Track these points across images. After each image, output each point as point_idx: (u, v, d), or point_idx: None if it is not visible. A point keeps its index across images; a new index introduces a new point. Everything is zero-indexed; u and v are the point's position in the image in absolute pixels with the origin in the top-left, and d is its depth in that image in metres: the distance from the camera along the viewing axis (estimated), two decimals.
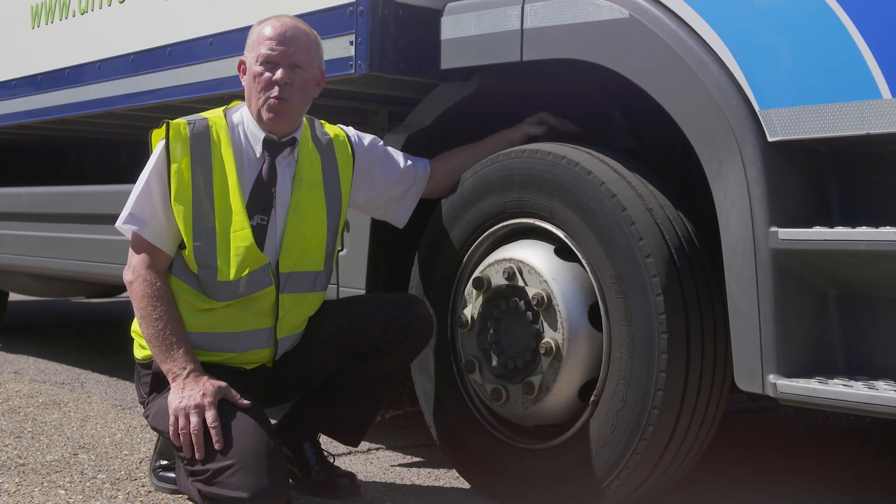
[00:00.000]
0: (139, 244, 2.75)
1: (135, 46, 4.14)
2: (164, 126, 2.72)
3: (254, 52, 2.78)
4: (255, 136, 2.80)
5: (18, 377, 4.96)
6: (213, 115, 2.82)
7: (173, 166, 2.69)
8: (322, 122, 2.99)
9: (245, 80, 2.83)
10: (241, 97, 2.91)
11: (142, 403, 2.89)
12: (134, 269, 2.74)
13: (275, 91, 2.74)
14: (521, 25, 2.85)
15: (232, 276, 2.70)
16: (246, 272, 2.71)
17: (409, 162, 3.03)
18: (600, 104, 3.10)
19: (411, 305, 2.93)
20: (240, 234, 2.71)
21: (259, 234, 2.76)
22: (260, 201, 2.77)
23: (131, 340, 2.91)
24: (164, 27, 4.01)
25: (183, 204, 2.69)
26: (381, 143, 3.06)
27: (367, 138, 3.04)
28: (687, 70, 2.46)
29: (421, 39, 3.15)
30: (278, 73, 2.74)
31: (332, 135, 2.96)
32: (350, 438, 3.07)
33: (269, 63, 2.75)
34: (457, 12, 3.05)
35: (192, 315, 2.74)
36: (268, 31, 2.78)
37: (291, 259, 2.81)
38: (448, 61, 3.07)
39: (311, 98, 2.86)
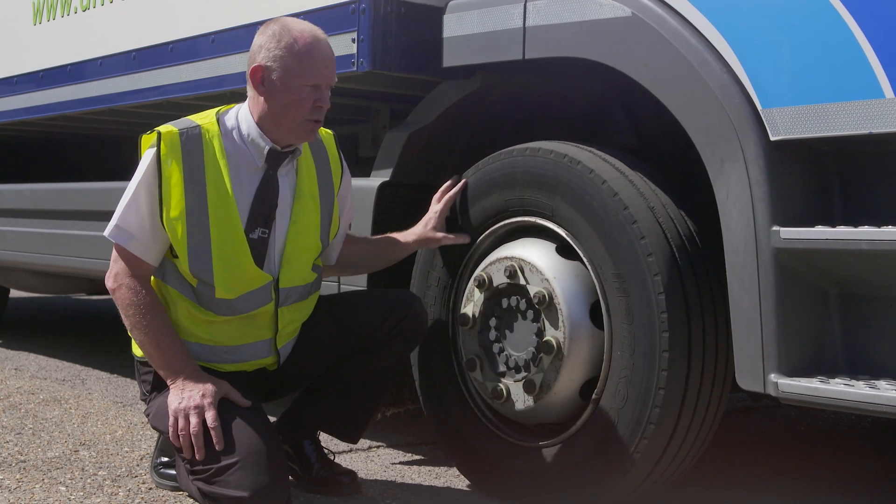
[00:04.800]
0: (123, 254, 2.68)
1: (137, 43, 4.14)
2: (155, 135, 2.62)
3: (296, 73, 2.60)
4: (258, 145, 2.68)
5: (19, 374, 4.96)
6: (206, 121, 2.70)
7: (164, 182, 2.60)
8: None
9: (273, 94, 2.63)
10: (244, 94, 2.82)
11: (143, 400, 2.89)
12: (116, 277, 2.68)
13: (319, 115, 2.66)
14: (524, 23, 2.84)
15: (230, 294, 2.67)
16: (245, 291, 2.68)
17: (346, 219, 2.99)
18: (602, 102, 3.09)
19: (406, 301, 2.92)
20: (240, 252, 2.65)
21: (259, 247, 2.69)
22: (262, 214, 2.70)
23: (130, 337, 2.88)
24: (165, 24, 4.01)
25: (176, 222, 2.60)
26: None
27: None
28: (689, 69, 2.46)
29: (423, 37, 3.15)
30: (326, 99, 2.65)
31: (324, 140, 2.89)
32: (349, 435, 3.07)
33: (317, 88, 2.63)
34: (459, 10, 3.04)
35: (193, 325, 2.72)
36: (310, 51, 2.62)
37: (292, 273, 2.76)
38: (450, 59, 3.07)
39: None
